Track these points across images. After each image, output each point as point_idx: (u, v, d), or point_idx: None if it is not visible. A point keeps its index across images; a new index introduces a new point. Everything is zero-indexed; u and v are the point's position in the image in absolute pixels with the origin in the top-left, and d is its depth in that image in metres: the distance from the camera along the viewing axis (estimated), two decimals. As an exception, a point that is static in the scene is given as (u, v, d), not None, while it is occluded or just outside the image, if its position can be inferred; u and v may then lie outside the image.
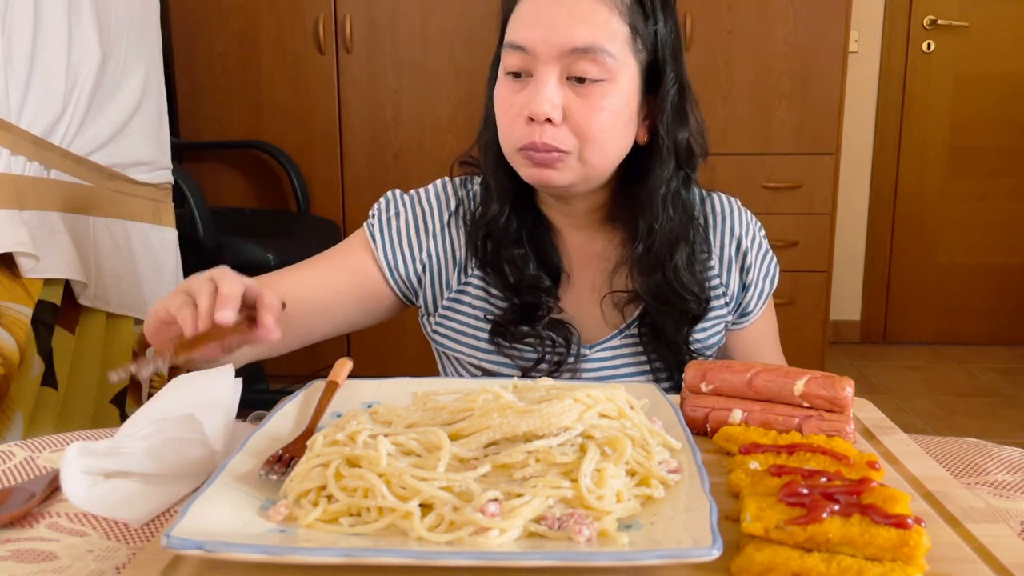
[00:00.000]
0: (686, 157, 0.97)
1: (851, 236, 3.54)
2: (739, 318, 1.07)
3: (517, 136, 0.91)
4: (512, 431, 0.58)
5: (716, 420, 0.73)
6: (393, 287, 1.03)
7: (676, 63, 0.94)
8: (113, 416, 1.75)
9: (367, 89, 2.74)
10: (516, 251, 0.99)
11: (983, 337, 3.57)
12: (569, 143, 0.90)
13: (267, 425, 0.67)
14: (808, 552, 0.49)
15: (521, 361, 0.99)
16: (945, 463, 0.72)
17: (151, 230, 1.88)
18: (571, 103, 0.89)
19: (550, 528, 0.52)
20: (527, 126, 0.90)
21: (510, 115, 0.92)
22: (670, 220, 0.97)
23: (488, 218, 0.99)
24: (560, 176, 0.91)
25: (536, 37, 0.88)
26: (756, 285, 1.06)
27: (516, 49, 0.90)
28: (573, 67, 0.88)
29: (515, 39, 0.90)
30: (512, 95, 0.91)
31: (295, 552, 0.48)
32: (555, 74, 0.88)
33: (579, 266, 1.02)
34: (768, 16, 2.64)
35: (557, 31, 0.87)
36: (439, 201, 1.04)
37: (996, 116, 3.41)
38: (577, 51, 0.87)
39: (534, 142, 0.89)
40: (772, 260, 1.08)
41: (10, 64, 1.42)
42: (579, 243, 1.03)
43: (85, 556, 0.56)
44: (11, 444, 0.74)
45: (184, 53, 2.74)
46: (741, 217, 1.06)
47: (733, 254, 1.04)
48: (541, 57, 0.88)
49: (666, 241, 0.97)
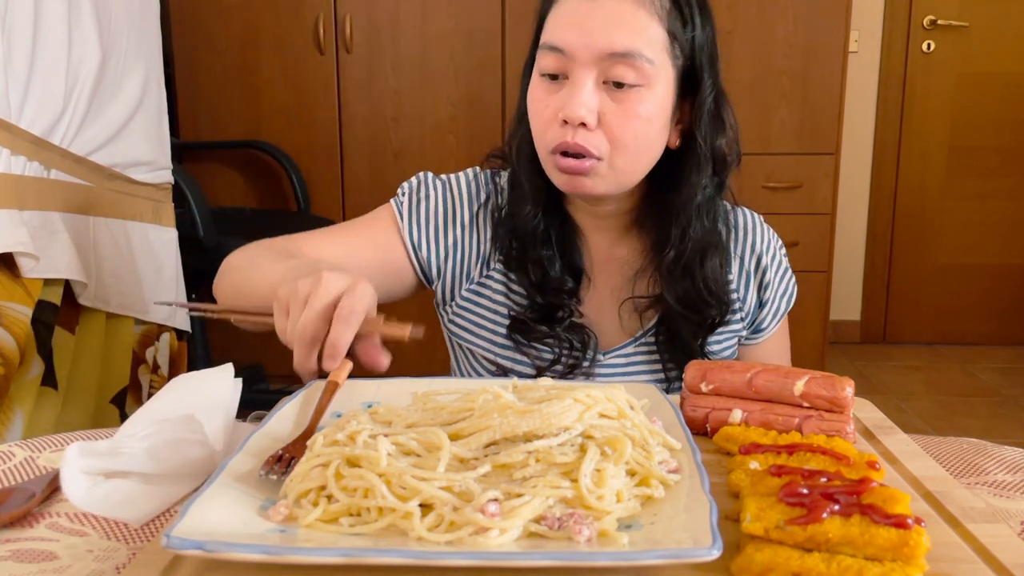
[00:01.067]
0: (721, 164, 0.96)
1: (851, 236, 3.54)
2: (753, 334, 1.07)
3: (551, 138, 0.90)
4: (512, 431, 0.58)
5: (716, 420, 0.73)
6: (415, 266, 1.03)
7: (713, 69, 0.94)
8: (113, 416, 1.75)
9: (367, 89, 2.74)
10: (543, 252, 0.98)
11: (983, 337, 3.57)
12: (602, 148, 0.89)
13: (267, 425, 0.66)
14: (808, 552, 0.49)
15: (537, 360, 0.99)
16: (945, 463, 0.72)
17: (151, 230, 1.88)
18: (607, 108, 0.88)
19: (550, 528, 0.52)
20: (561, 128, 0.89)
21: (544, 117, 0.91)
22: (703, 227, 0.96)
23: (519, 218, 0.98)
24: (593, 184, 0.91)
25: (574, 40, 0.87)
26: (773, 303, 1.06)
27: (553, 51, 0.89)
28: (610, 71, 0.87)
29: (552, 40, 0.89)
30: (547, 97, 0.90)
31: (295, 552, 0.48)
32: (592, 78, 0.87)
33: (601, 270, 1.02)
34: (768, 16, 2.64)
35: (596, 34, 0.86)
36: (469, 192, 1.03)
37: (996, 116, 3.41)
38: (615, 55, 0.86)
39: (566, 141, 0.88)
40: (791, 279, 1.08)
41: (10, 64, 1.42)
42: (603, 247, 1.02)
43: (85, 556, 0.56)
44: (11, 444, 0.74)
45: (184, 53, 2.74)
46: (764, 234, 1.05)
47: (752, 270, 1.04)
48: (578, 60, 0.87)
49: (698, 248, 0.96)
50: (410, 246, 1.01)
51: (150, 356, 1.89)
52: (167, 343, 1.94)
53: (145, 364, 1.88)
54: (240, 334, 0.93)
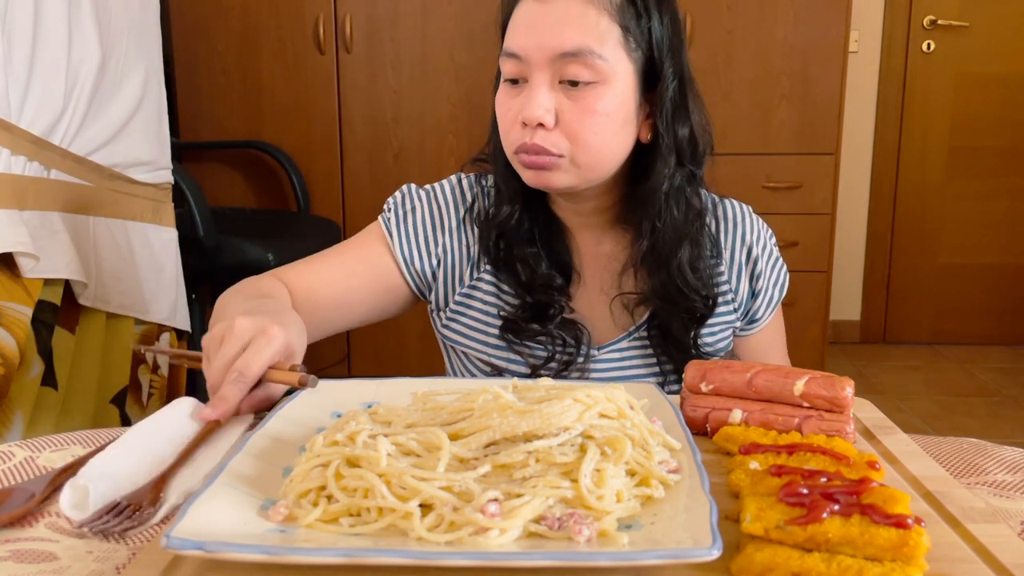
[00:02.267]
0: (689, 154, 0.96)
1: (851, 236, 3.54)
2: (747, 324, 1.07)
3: (513, 139, 0.93)
4: (512, 431, 0.58)
5: (716, 420, 0.73)
6: (408, 281, 1.04)
7: (675, 59, 0.94)
8: (113, 416, 1.75)
9: (367, 89, 2.74)
10: (528, 250, 0.99)
11: (983, 337, 3.57)
12: (561, 146, 0.90)
13: (267, 425, 0.66)
14: (808, 552, 0.49)
15: (531, 359, 0.99)
16: (945, 463, 0.72)
17: (151, 230, 1.88)
18: (563, 107, 0.90)
19: (550, 528, 0.52)
20: (522, 130, 0.91)
21: (507, 120, 0.93)
22: (673, 218, 0.96)
23: (500, 219, 1.00)
24: (556, 178, 0.92)
25: (528, 43, 0.90)
26: (766, 292, 1.06)
27: (511, 57, 0.92)
28: (564, 71, 0.89)
29: (510, 47, 0.92)
30: (509, 101, 0.93)
31: (295, 552, 0.48)
32: (546, 79, 0.90)
33: (589, 267, 1.03)
34: (768, 16, 2.64)
35: (546, 36, 0.88)
36: (454, 197, 1.05)
37: (996, 116, 3.41)
38: (567, 55, 0.88)
39: (525, 143, 0.90)
40: (782, 268, 1.08)
41: (10, 64, 1.42)
42: (589, 243, 1.03)
43: (85, 557, 0.56)
44: (11, 444, 0.74)
45: (184, 53, 2.74)
46: (753, 224, 1.05)
47: (743, 260, 1.04)
48: (533, 63, 0.90)
49: (670, 239, 0.96)
50: (402, 261, 1.03)
51: (150, 356, 1.89)
52: (167, 343, 1.94)
53: (145, 364, 1.88)
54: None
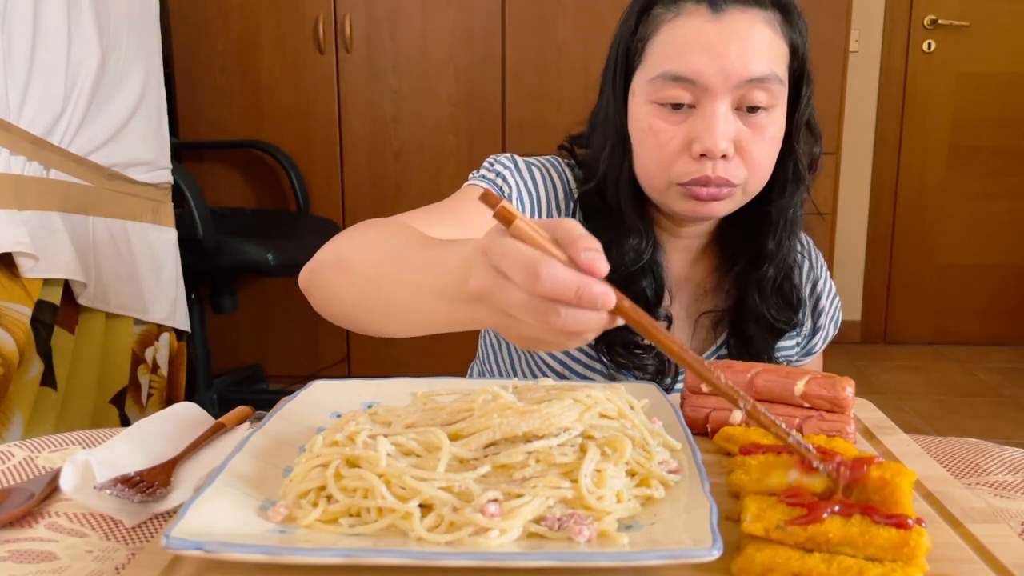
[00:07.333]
0: (813, 173, 0.93)
1: (851, 236, 3.54)
2: (803, 357, 1.06)
3: (680, 171, 0.85)
4: (512, 431, 0.58)
5: (716, 420, 0.73)
6: None
7: (810, 76, 0.89)
8: (113, 416, 1.75)
9: (367, 89, 2.74)
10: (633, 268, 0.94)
11: (983, 337, 3.57)
12: (740, 175, 0.85)
13: (267, 425, 0.66)
14: (808, 552, 0.49)
15: (618, 375, 0.94)
16: (945, 463, 0.72)
17: (151, 230, 1.88)
18: (742, 135, 0.84)
19: (550, 528, 0.52)
20: (696, 161, 0.84)
21: (669, 149, 0.85)
22: (790, 237, 0.94)
23: (628, 254, 0.92)
24: (723, 207, 0.87)
25: (708, 68, 0.81)
26: (824, 328, 1.05)
27: (680, 80, 0.83)
28: (747, 97, 0.82)
29: (679, 70, 0.82)
30: (672, 128, 0.84)
31: (295, 552, 0.48)
32: (727, 105, 0.83)
33: (678, 287, 1.00)
34: (768, 16, 2.63)
35: (731, 60, 0.81)
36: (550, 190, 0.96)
37: (996, 116, 3.41)
38: (753, 81, 0.81)
39: (707, 176, 0.83)
40: (839, 305, 1.06)
41: (10, 64, 1.42)
42: (678, 263, 0.99)
43: (85, 556, 0.56)
44: (10, 444, 0.74)
45: (184, 53, 2.74)
46: (817, 257, 1.03)
47: (807, 295, 1.02)
48: (712, 89, 0.82)
49: (784, 258, 0.94)
50: None
51: (149, 356, 1.89)
52: (167, 343, 1.94)
53: (144, 364, 1.88)
54: (239, 334, 0.92)
